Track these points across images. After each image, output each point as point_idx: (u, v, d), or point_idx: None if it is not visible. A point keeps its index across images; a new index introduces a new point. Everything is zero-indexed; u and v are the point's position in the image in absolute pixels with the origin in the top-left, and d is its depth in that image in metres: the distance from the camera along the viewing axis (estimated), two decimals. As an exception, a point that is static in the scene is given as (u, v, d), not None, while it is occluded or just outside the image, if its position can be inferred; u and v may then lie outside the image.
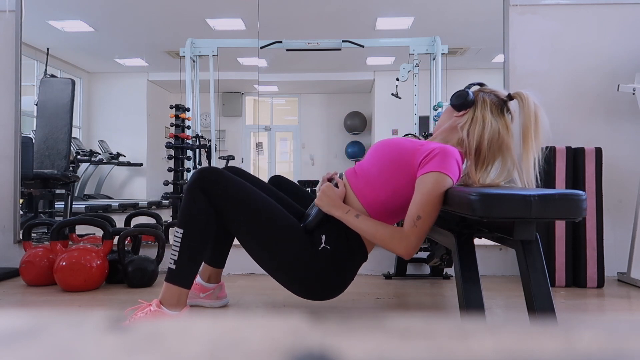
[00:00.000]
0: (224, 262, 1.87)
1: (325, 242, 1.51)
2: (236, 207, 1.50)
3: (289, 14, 3.93)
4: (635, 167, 2.49)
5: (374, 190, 1.52)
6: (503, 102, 1.56)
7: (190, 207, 1.50)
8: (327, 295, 1.60)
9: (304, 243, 1.51)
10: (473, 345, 0.20)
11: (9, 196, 2.64)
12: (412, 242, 1.42)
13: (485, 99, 1.55)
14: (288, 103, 6.53)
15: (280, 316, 0.23)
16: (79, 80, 5.18)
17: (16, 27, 2.67)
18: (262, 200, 1.53)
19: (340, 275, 1.55)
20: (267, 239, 1.51)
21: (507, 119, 1.55)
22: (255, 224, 1.51)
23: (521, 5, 2.58)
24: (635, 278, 2.28)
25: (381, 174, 1.52)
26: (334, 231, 1.53)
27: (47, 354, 0.19)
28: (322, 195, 1.54)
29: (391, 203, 1.51)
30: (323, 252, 1.50)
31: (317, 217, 1.55)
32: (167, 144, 3.96)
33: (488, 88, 1.60)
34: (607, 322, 0.22)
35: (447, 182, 1.41)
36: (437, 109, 3.67)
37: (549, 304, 1.29)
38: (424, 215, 1.40)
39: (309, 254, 1.50)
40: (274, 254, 1.53)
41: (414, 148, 1.49)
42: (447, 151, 1.43)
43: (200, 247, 1.52)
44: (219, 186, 1.49)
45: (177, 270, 1.51)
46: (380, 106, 5.25)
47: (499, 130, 1.52)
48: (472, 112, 1.54)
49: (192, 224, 1.50)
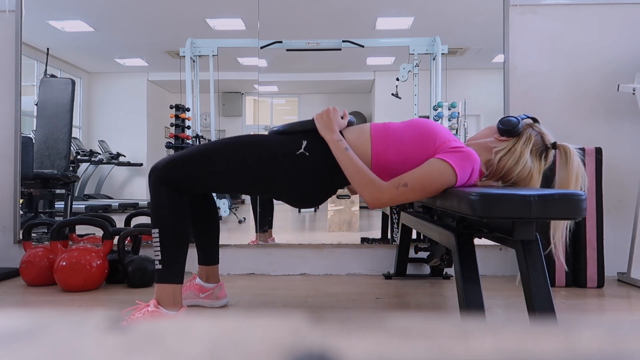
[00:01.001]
0: (216, 259, 1.86)
1: (305, 148, 1.50)
2: (207, 166, 1.51)
3: (289, 14, 3.93)
4: (635, 167, 2.49)
5: (389, 148, 1.52)
6: (546, 147, 1.55)
7: (159, 204, 1.51)
8: (305, 202, 1.59)
9: (281, 145, 1.51)
10: (473, 345, 0.20)
11: (9, 196, 2.64)
12: (383, 197, 1.43)
13: (531, 137, 1.54)
14: (288, 103, 6.52)
15: (280, 316, 0.23)
16: (79, 80, 5.18)
17: (16, 27, 2.67)
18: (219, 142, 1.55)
19: (312, 185, 1.54)
20: (245, 161, 1.51)
21: (543, 164, 1.55)
22: (231, 162, 1.51)
23: (521, 5, 2.58)
24: (635, 278, 2.28)
25: (404, 140, 1.52)
26: (317, 141, 1.52)
27: (47, 354, 0.19)
28: (324, 114, 1.54)
29: (396, 167, 1.51)
30: (300, 157, 1.50)
31: (305, 125, 1.54)
32: (167, 144, 3.96)
33: (538, 127, 1.59)
34: (607, 322, 0.22)
35: (451, 178, 1.41)
36: (437, 109, 3.67)
37: (549, 304, 1.29)
38: (410, 187, 1.41)
39: (285, 155, 1.50)
40: (256, 169, 1.51)
41: (447, 138, 1.51)
42: (471, 156, 1.44)
43: (180, 240, 1.53)
44: (178, 169, 1.51)
45: (164, 268, 1.51)
46: (380, 106, 5.24)
47: (532, 172, 1.52)
48: (513, 142, 1.54)
49: (164, 219, 1.51)
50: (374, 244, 2.62)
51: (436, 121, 3.65)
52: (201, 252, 1.85)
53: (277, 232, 2.90)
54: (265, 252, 2.55)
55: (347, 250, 2.54)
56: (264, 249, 2.56)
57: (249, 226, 3.42)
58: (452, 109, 3.42)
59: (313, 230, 4.09)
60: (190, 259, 1.83)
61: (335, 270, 2.53)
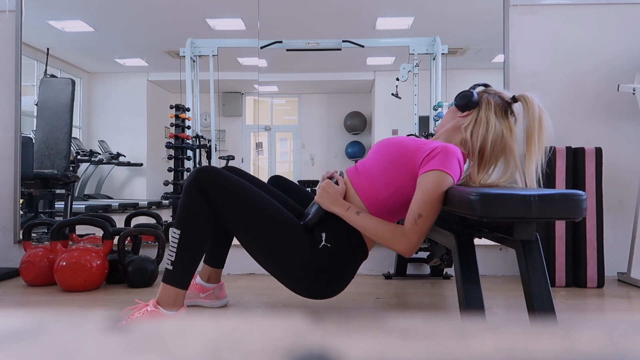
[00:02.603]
0: (223, 262, 1.87)
1: (326, 240, 1.51)
2: (235, 206, 1.50)
3: (289, 14, 3.93)
4: (635, 167, 2.49)
5: (376, 188, 1.52)
6: (507, 104, 1.56)
7: (188, 207, 1.49)
8: (327, 294, 1.59)
9: (304, 241, 1.51)
10: (473, 345, 0.20)
11: (9, 196, 2.64)
12: (413, 240, 1.42)
13: (490, 101, 1.55)
14: (288, 103, 6.53)
15: (280, 316, 0.23)
16: (79, 80, 5.18)
17: (16, 27, 2.67)
18: (261, 198, 1.52)
19: (340, 274, 1.55)
20: (267, 237, 1.51)
21: (511, 121, 1.55)
22: (254, 223, 1.50)
23: (521, 5, 2.58)
24: (635, 278, 2.28)
25: (383, 172, 1.51)
26: (334, 229, 1.52)
27: (47, 354, 0.19)
28: (322, 192, 1.54)
29: (392, 201, 1.51)
30: (323, 249, 1.50)
31: (317, 215, 1.54)
32: (167, 144, 3.96)
33: (492, 89, 1.60)
34: (607, 322, 0.22)
35: (448, 180, 1.41)
36: (437, 109, 3.67)
37: (549, 304, 1.29)
38: (424, 214, 1.40)
39: (309, 252, 1.50)
40: (274, 253, 1.52)
41: (417, 147, 1.49)
42: (449, 150, 1.43)
43: (197, 248, 1.52)
44: (217, 185, 1.49)
45: (174, 271, 1.50)
46: (380, 106, 5.25)
47: (503, 133, 1.52)
48: (476, 113, 1.54)
49: (190, 225, 1.50)
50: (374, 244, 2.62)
51: (436, 121, 3.66)
52: (212, 252, 1.84)
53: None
54: (265, 252, 2.54)
55: (347, 250, 2.54)
56: (264, 249, 2.55)
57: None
58: (452, 109, 3.40)
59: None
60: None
61: (335, 270, 2.52)
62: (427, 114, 3.80)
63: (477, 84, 1.63)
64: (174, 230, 1.50)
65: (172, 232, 1.51)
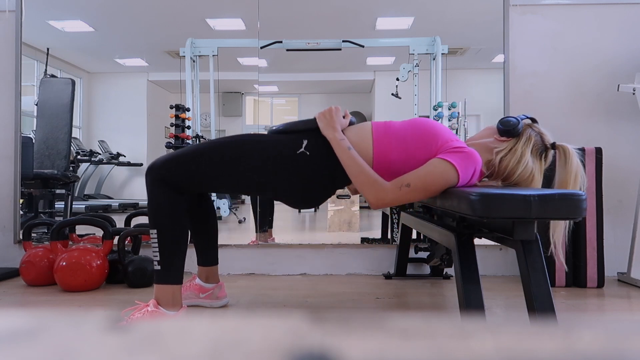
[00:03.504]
0: (215, 259, 1.86)
1: (305, 147, 1.49)
2: (199, 165, 1.49)
3: (289, 14, 3.93)
4: (635, 167, 2.49)
5: (391, 147, 1.51)
6: (545, 147, 1.56)
7: (156, 205, 1.50)
8: (304, 203, 1.58)
9: (280, 144, 1.50)
10: (473, 345, 0.20)
11: (9, 196, 2.64)
12: (386, 197, 1.43)
13: (531, 137, 1.55)
14: (288, 103, 6.53)
15: (280, 316, 0.23)
16: (79, 80, 5.18)
17: (16, 27, 2.67)
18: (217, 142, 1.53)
19: (311, 185, 1.53)
20: (242, 161, 1.49)
21: (543, 164, 1.56)
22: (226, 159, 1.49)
23: (521, 5, 2.58)
24: (635, 278, 2.28)
25: (406, 139, 1.51)
26: (318, 140, 1.51)
27: (47, 354, 0.19)
28: (326, 112, 1.53)
29: (398, 166, 1.50)
30: (301, 156, 1.49)
31: (307, 124, 1.53)
32: (167, 144, 3.96)
33: (537, 127, 1.60)
34: (607, 322, 0.22)
35: (453, 178, 1.41)
36: (437, 109, 3.67)
37: (549, 304, 1.29)
38: (412, 187, 1.41)
39: (285, 155, 1.49)
40: (253, 169, 1.50)
41: (448, 138, 1.51)
42: (473, 156, 1.44)
43: (178, 240, 1.53)
44: (171, 166, 1.49)
45: (163, 269, 1.51)
46: (380, 106, 5.24)
47: (533, 171, 1.53)
48: (513, 142, 1.55)
49: (163, 221, 1.50)
50: (374, 243, 2.62)
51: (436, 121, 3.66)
52: (200, 253, 1.84)
53: (277, 232, 2.90)
54: (266, 252, 2.55)
55: (347, 250, 2.54)
56: (264, 249, 2.56)
57: (249, 226, 3.42)
58: (452, 109, 3.42)
59: (313, 230, 4.09)
60: (190, 259, 1.83)
61: (335, 270, 2.53)
62: (427, 114, 3.80)
63: (525, 116, 1.62)
64: (151, 231, 1.51)
65: (150, 233, 1.51)
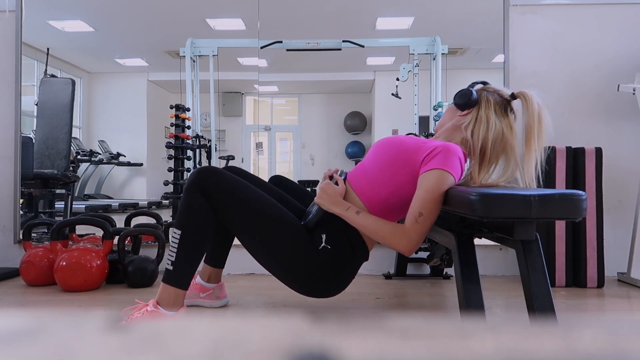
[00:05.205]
0: (223, 262, 1.86)
1: (326, 242, 1.51)
2: (236, 207, 1.49)
3: (289, 14, 3.93)
4: (635, 167, 2.49)
5: (375, 187, 1.51)
6: (507, 101, 1.55)
7: (188, 208, 1.49)
8: (327, 293, 1.59)
9: (305, 241, 1.51)
10: (473, 345, 0.20)
11: (9, 196, 2.64)
12: (413, 239, 1.42)
13: (489, 99, 1.54)
14: (288, 103, 6.53)
15: (280, 316, 0.23)
16: (79, 80, 5.18)
17: (16, 27, 2.67)
18: (262, 198, 1.52)
19: (340, 274, 1.55)
20: (268, 237, 1.51)
21: (511, 118, 1.55)
22: (255, 223, 1.50)
23: (521, 5, 2.58)
24: (635, 278, 2.28)
25: (383, 171, 1.51)
26: (334, 230, 1.52)
27: (47, 354, 0.19)
28: (322, 193, 1.54)
29: (392, 200, 1.51)
30: (324, 251, 1.50)
31: (317, 215, 1.54)
32: (167, 144, 3.96)
33: (491, 87, 1.60)
34: (607, 322, 0.22)
35: (449, 180, 1.40)
36: (437, 108, 3.67)
37: (549, 304, 1.29)
38: (425, 212, 1.39)
39: (309, 252, 1.50)
40: (275, 253, 1.52)
41: (417, 146, 1.49)
42: (450, 149, 1.43)
43: (197, 248, 1.52)
44: (218, 186, 1.49)
45: (174, 271, 1.50)
46: (380, 106, 5.24)
47: (503, 131, 1.52)
48: (475, 111, 1.54)
49: (190, 226, 1.49)
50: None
51: (436, 121, 3.66)
52: (213, 251, 1.84)
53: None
54: (265, 252, 2.54)
55: (347, 250, 2.54)
56: (264, 249, 2.55)
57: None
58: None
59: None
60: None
61: (335, 270, 2.52)
62: (427, 114, 3.81)
63: (475, 82, 1.62)
64: (174, 230, 1.50)
65: (173, 232, 1.51)
